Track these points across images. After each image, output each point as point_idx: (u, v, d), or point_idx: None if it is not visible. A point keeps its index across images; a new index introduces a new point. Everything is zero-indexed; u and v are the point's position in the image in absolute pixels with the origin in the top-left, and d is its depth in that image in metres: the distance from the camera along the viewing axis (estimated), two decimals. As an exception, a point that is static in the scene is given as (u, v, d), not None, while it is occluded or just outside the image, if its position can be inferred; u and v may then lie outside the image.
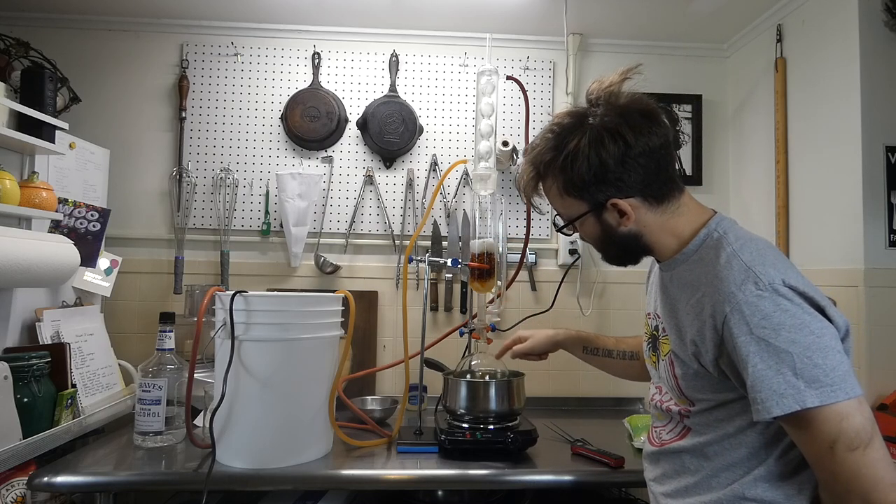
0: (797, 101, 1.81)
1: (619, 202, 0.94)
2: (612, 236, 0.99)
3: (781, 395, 0.78)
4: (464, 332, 1.55)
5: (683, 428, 0.98)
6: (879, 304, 1.50)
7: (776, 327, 0.80)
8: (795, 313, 0.81)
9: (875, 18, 1.56)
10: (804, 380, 0.78)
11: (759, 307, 0.81)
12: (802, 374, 0.78)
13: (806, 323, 0.81)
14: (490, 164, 1.56)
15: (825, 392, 0.77)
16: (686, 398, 0.95)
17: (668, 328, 0.98)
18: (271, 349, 1.29)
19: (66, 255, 1.50)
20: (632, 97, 0.96)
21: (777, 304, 0.81)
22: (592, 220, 0.99)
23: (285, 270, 2.05)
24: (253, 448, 1.28)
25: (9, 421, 1.26)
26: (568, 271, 2.08)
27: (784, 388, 0.78)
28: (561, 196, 0.99)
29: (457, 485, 1.37)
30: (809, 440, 0.79)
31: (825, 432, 0.77)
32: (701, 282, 0.91)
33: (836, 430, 0.77)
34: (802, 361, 0.78)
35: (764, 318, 0.81)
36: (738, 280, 0.85)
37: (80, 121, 1.88)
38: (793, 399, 0.78)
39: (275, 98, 2.08)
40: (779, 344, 0.79)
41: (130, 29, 2.06)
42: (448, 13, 1.98)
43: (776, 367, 0.79)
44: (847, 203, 1.57)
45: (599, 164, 0.92)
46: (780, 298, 0.82)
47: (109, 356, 1.73)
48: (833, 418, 0.77)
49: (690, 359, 0.91)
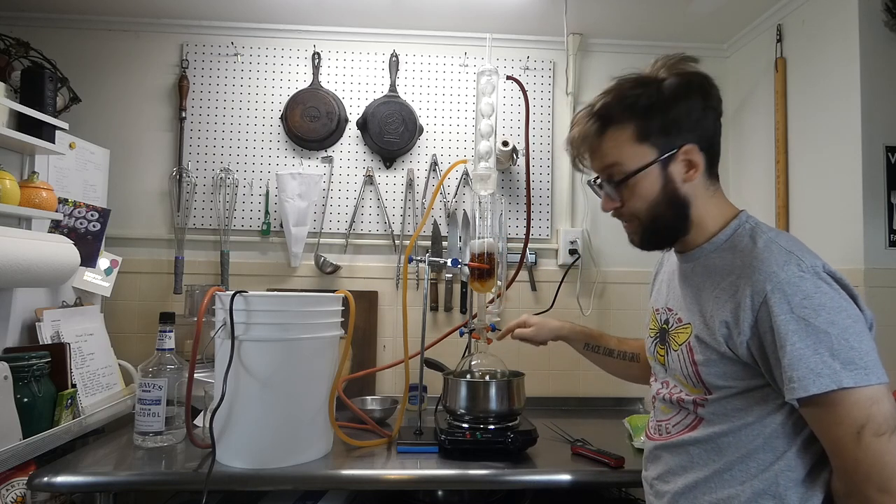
0: (797, 101, 1.81)
1: (694, 150, 0.94)
2: (670, 195, 0.95)
3: (818, 375, 0.79)
4: (464, 332, 1.55)
5: (695, 419, 0.95)
6: (879, 304, 1.50)
7: (816, 308, 0.81)
8: (834, 297, 0.83)
9: (875, 18, 1.56)
10: (840, 361, 0.79)
11: (800, 287, 0.83)
12: (839, 355, 0.79)
13: (844, 307, 0.83)
14: (490, 164, 1.56)
15: (860, 374, 0.78)
16: (704, 386, 0.93)
17: (688, 317, 0.97)
18: (271, 349, 1.29)
19: (66, 255, 1.50)
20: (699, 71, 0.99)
21: (818, 286, 0.83)
22: (657, 172, 0.94)
23: (285, 270, 2.05)
24: (253, 448, 1.28)
25: (9, 421, 1.26)
26: (568, 271, 2.08)
27: (821, 367, 0.79)
28: (630, 143, 0.94)
29: (457, 485, 1.37)
30: (837, 423, 0.79)
31: (854, 416, 0.78)
32: (735, 265, 0.91)
33: (865, 415, 0.78)
34: (840, 343, 0.80)
35: (805, 298, 0.82)
36: (781, 261, 0.86)
37: (80, 121, 1.88)
38: (829, 378, 0.78)
39: (275, 98, 2.08)
40: (818, 324, 0.81)
41: (130, 29, 2.06)
42: (448, 13, 1.97)
43: (814, 347, 0.80)
44: (847, 203, 1.57)
45: (686, 108, 0.93)
46: (820, 281, 0.83)
47: (109, 356, 1.73)
48: (864, 402, 0.78)
49: (718, 343, 0.89)
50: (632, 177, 0.95)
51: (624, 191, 0.97)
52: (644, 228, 0.98)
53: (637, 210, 0.97)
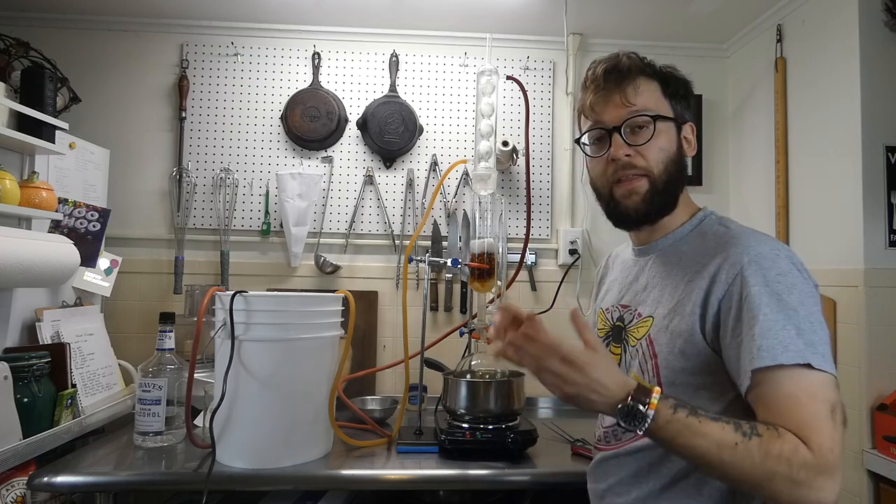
0: (797, 101, 1.81)
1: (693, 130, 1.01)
2: (681, 158, 0.99)
3: (785, 348, 0.78)
4: (464, 332, 1.55)
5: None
6: (879, 304, 1.50)
7: (790, 285, 0.82)
8: (807, 282, 0.84)
9: (875, 18, 1.56)
10: (804, 341, 0.78)
11: (776, 263, 0.84)
12: (803, 335, 0.79)
13: (813, 293, 0.84)
14: (490, 164, 1.55)
15: (819, 359, 0.77)
16: (659, 381, 0.90)
17: (649, 310, 0.96)
18: (271, 349, 1.29)
19: (66, 255, 1.50)
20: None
21: (791, 267, 0.84)
22: (674, 132, 0.99)
23: (285, 270, 2.05)
24: (253, 448, 1.28)
25: (9, 421, 1.26)
26: (568, 271, 2.08)
27: (788, 341, 0.78)
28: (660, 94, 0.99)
29: (457, 485, 1.37)
30: (810, 397, 0.76)
31: (827, 395, 0.76)
32: (708, 248, 0.92)
33: (835, 398, 0.77)
34: (805, 324, 0.80)
35: (780, 274, 0.83)
36: (758, 238, 0.88)
37: (80, 121, 1.88)
38: (796, 353, 0.77)
39: (275, 98, 2.08)
40: (790, 301, 0.81)
41: (130, 29, 2.06)
42: (448, 13, 1.98)
43: (783, 322, 0.79)
44: (847, 203, 1.57)
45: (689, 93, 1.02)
46: (792, 265, 0.85)
47: (109, 356, 1.73)
48: (831, 385, 0.78)
49: (691, 327, 0.87)
50: (660, 120, 0.95)
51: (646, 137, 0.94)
52: (653, 183, 0.95)
53: (654, 160, 0.95)
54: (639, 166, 0.95)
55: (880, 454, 1.43)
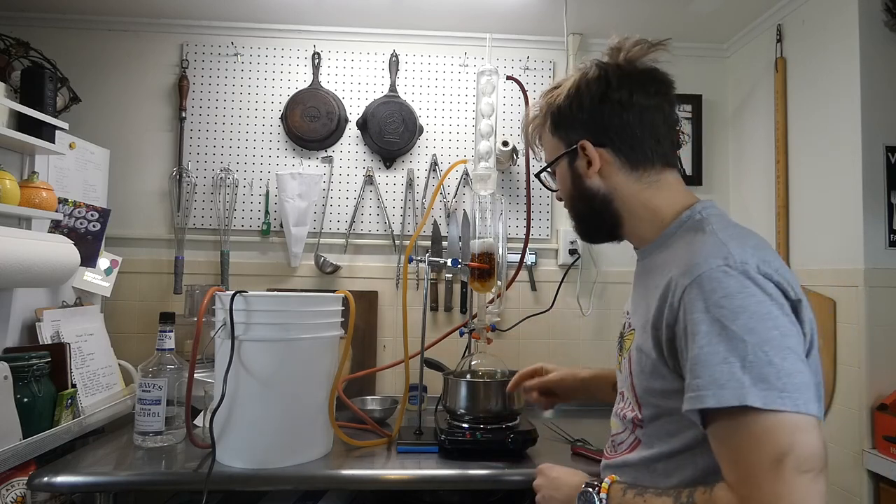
0: (797, 101, 1.81)
1: (588, 145, 0.91)
2: (581, 189, 0.94)
3: (721, 386, 0.67)
4: (464, 332, 1.55)
5: (635, 440, 0.88)
6: (879, 304, 1.50)
7: (736, 310, 0.70)
8: (763, 302, 0.70)
9: (875, 18, 1.56)
10: (751, 375, 0.67)
11: (722, 283, 0.71)
12: (752, 368, 0.67)
13: (772, 316, 0.70)
14: (490, 164, 1.56)
15: (771, 395, 0.66)
16: (637, 401, 0.86)
17: (634, 321, 0.90)
18: (271, 349, 1.29)
19: (66, 255, 1.50)
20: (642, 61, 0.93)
21: (744, 286, 0.71)
22: (565, 166, 0.96)
23: (285, 270, 2.05)
24: (253, 448, 1.28)
25: (9, 421, 1.26)
26: (568, 271, 2.08)
27: (726, 378, 0.67)
28: (549, 137, 0.98)
29: (457, 485, 1.37)
30: (752, 447, 0.66)
31: (774, 442, 0.65)
32: (670, 261, 0.83)
33: (788, 442, 0.65)
34: (756, 355, 0.67)
35: (725, 297, 0.70)
36: (708, 253, 0.76)
37: (80, 121, 1.88)
38: (732, 392, 0.66)
39: (275, 98, 2.08)
40: (735, 329, 0.69)
41: (130, 29, 2.06)
42: (448, 13, 1.98)
43: (724, 355, 0.68)
44: (847, 203, 1.57)
45: (577, 100, 0.92)
46: (747, 281, 0.71)
47: (109, 356, 1.73)
48: (786, 428, 0.65)
49: (650, 347, 0.81)
50: (546, 168, 1.01)
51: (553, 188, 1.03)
52: (572, 218, 1.02)
53: (563, 200, 1.01)
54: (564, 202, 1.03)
55: (880, 454, 1.43)
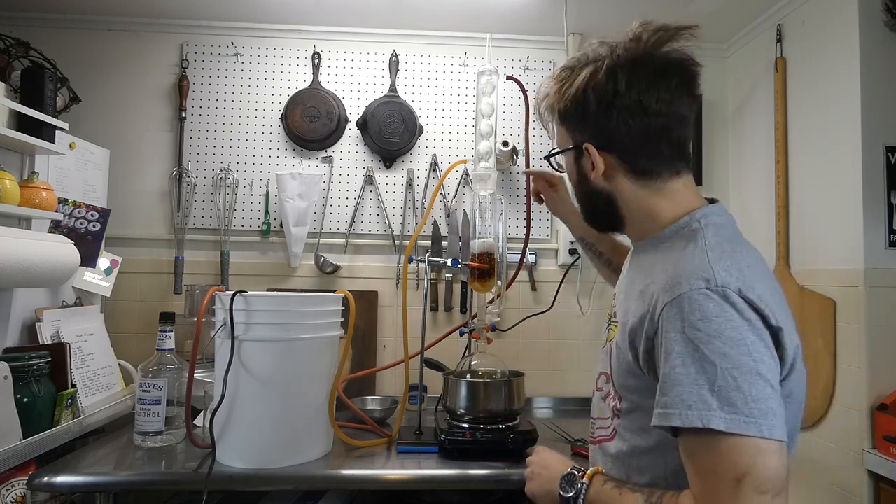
0: (797, 101, 1.81)
1: (592, 150, 0.88)
2: (586, 186, 0.93)
3: (688, 406, 0.69)
4: (464, 332, 1.55)
5: (612, 430, 0.89)
6: (879, 304, 1.50)
7: (711, 334, 0.71)
8: (739, 327, 0.71)
9: (875, 18, 1.56)
10: (718, 399, 0.69)
11: (700, 306, 0.72)
12: (720, 392, 0.69)
13: (747, 342, 0.71)
14: (490, 164, 1.56)
15: (736, 420, 0.68)
16: (616, 392, 0.87)
17: (619, 313, 0.90)
18: (271, 349, 1.29)
19: (66, 255, 1.50)
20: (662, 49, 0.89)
21: (723, 310, 0.72)
22: (571, 160, 0.93)
23: (285, 270, 2.05)
24: (253, 448, 1.28)
25: (9, 421, 1.26)
26: (568, 271, 2.08)
27: (694, 399, 0.69)
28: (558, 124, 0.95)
29: (457, 485, 1.37)
30: (713, 467, 0.68)
31: (735, 462, 0.67)
32: (657, 268, 0.82)
33: (748, 464, 0.67)
34: (725, 379, 0.69)
35: (702, 320, 0.71)
36: (692, 272, 0.75)
37: (80, 121, 1.88)
38: (698, 414, 0.69)
39: (275, 98, 2.08)
40: (707, 352, 0.70)
41: (130, 29, 2.06)
42: (448, 13, 1.98)
43: (694, 377, 0.70)
44: (847, 203, 1.57)
45: (584, 103, 0.87)
46: (727, 305, 0.72)
47: (109, 356, 1.73)
48: (749, 450, 0.67)
49: (627, 349, 0.82)
50: (553, 155, 0.98)
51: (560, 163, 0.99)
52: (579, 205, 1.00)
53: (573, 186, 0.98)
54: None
55: (880, 454, 1.43)
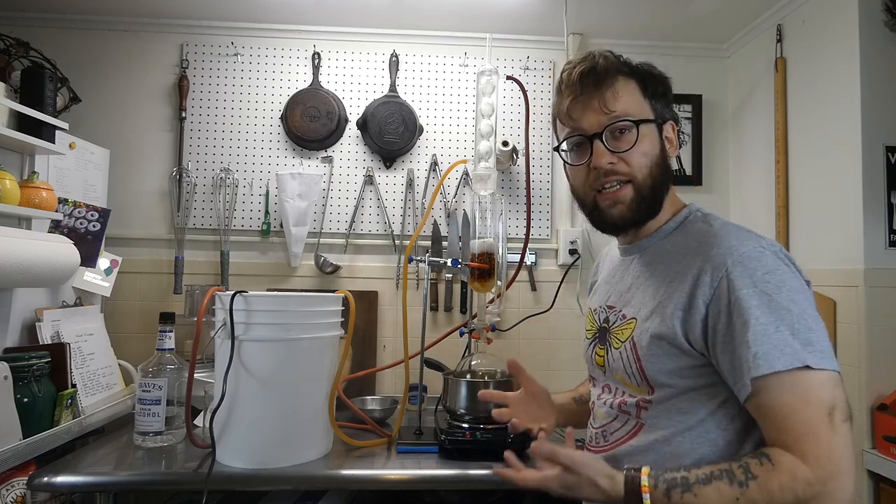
0: (797, 101, 1.81)
1: (674, 129, 0.97)
2: (664, 160, 0.95)
3: (781, 352, 0.76)
4: (464, 332, 1.55)
5: (636, 424, 0.91)
6: (879, 304, 1.50)
7: (779, 284, 0.80)
8: (793, 277, 0.82)
9: (875, 18, 1.56)
10: (800, 341, 0.77)
11: (762, 261, 0.81)
12: (798, 334, 0.77)
13: (803, 289, 0.82)
14: (490, 164, 1.56)
15: (818, 357, 0.76)
16: (648, 384, 0.88)
17: (633, 311, 0.93)
18: (271, 349, 1.29)
19: (66, 255, 1.50)
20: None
21: (777, 264, 0.82)
22: (656, 134, 0.94)
23: (285, 270, 2.05)
24: (253, 448, 1.28)
25: (9, 421, 1.26)
26: (568, 271, 2.08)
27: (783, 344, 0.76)
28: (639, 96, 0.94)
29: (457, 485, 1.37)
30: (806, 403, 0.75)
31: (824, 397, 0.75)
32: (690, 246, 0.89)
33: (832, 396, 0.75)
34: (800, 322, 0.78)
35: (768, 273, 0.80)
36: (741, 237, 0.85)
37: (80, 121, 1.88)
38: (792, 356, 0.76)
39: (275, 98, 2.08)
40: (780, 300, 0.78)
41: (130, 29, 2.06)
42: (448, 13, 1.98)
43: (776, 325, 0.77)
44: (847, 203, 1.57)
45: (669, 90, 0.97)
46: (779, 261, 0.82)
47: (109, 356, 1.73)
48: (831, 383, 0.76)
49: (672, 330, 0.84)
50: (642, 124, 0.91)
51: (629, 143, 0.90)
52: (638, 190, 0.91)
53: (638, 166, 0.91)
54: (622, 173, 0.91)
55: (880, 454, 1.43)
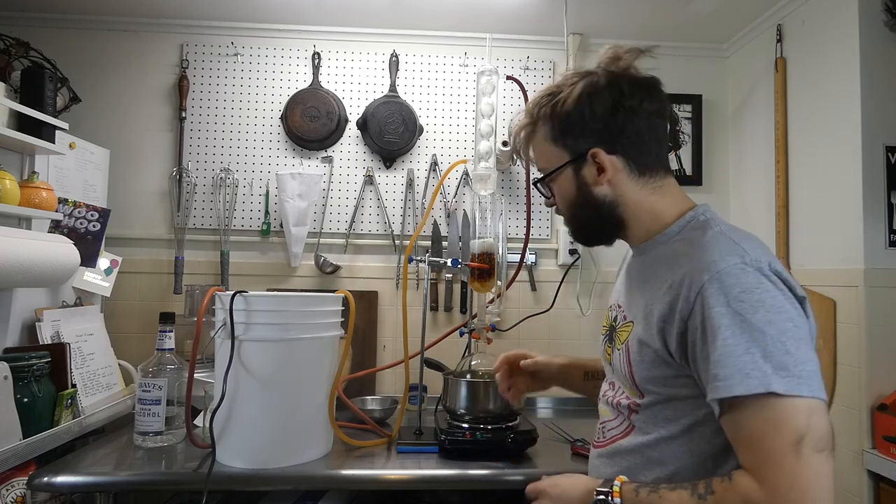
0: (797, 101, 1.81)
1: (600, 154, 0.92)
2: (587, 197, 0.95)
3: (746, 375, 0.73)
4: (464, 332, 1.55)
5: (628, 425, 0.93)
6: (879, 304, 1.50)
7: (755, 304, 0.76)
8: (776, 296, 0.77)
9: (875, 18, 1.56)
10: (772, 364, 0.73)
11: (740, 279, 0.77)
12: (772, 357, 0.73)
13: (785, 309, 0.77)
14: (490, 164, 1.56)
15: (791, 382, 0.72)
16: (637, 389, 0.90)
17: (632, 314, 0.94)
18: (271, 349, 1.29)
19: (66, 255, 1.50)
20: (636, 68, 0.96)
21: (759, 281, 0.78)
22: (570, 175, 0.96)
23: (285, 270, 2.05)
24: (253, 448, 1.28)
25: (9, 421, 1.26)
26: (568, 271, 2.08)
27: (750, 367, 0.73)
28: (548, 145, 0.97)
29: (457, 485, 1.37)
30: (773, 431, 0.72)
31: (793, 425, 0.71)
32: (681, 256, 0.87)
33: (805, 425, 0.71)
34: (775, 345, 0.74)
35: (744, 292, 0.77)
36: (724, 251, 0.81)
37: (80, 121, 1.88)
38: (758, 381, 0.72)
39: (275, 98, 2.08)
40: (754, 321, 0.75)
41: (130, 29, 2.06)
42: (448, 13, 1.98)
43: (746, 346, 0.74)
44: (847, 203, 1.57)
45: (589, 108, 0.92)
46: (762, 277, 0.78)
47: (109, 356, 1.73)
48: (803, 411, 0.72)
49: (654, 339, 0.85)
50: (547, 177, 0.99)
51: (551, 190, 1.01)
52: (569, 225, 1.03)
53: (561, 209, 1.01)
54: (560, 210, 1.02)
55: (880, 454, 1.43)
